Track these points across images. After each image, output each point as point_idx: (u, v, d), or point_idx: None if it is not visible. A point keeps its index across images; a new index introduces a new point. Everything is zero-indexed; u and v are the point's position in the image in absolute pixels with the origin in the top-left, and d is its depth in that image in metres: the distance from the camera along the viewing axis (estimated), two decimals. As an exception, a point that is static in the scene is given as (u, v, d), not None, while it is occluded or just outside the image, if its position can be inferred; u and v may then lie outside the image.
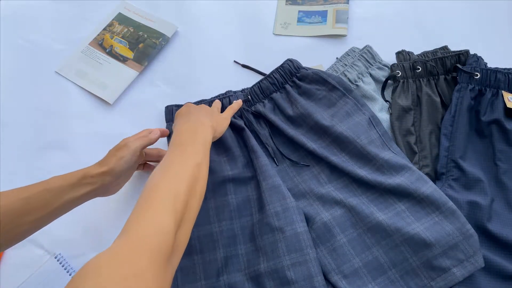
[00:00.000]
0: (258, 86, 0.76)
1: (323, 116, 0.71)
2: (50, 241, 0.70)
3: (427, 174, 0.69)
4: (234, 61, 0.87)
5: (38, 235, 0.70)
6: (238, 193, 0.69)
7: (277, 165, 0.71)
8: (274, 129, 0.74)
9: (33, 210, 0.51)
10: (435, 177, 0.69)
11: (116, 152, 0.61)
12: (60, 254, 0.68)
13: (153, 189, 0.44)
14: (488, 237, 0.64)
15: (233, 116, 0.73)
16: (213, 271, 0.63)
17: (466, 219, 0.64)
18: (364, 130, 0.69)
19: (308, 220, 0.65)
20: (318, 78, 0.74)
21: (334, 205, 0.66)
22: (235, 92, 0.78)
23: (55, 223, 0.71)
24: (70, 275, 0.66)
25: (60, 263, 0.67)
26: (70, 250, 0.69)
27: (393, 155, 0.67)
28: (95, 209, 0.73)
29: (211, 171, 0.69)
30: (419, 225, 0.61)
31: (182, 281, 0.63)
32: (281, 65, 0.76)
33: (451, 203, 0.61)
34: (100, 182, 0.58)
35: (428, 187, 0.62)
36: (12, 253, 0.70)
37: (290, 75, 0.76)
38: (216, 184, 0.69)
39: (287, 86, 0.75)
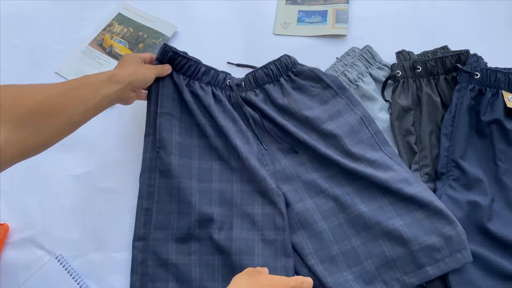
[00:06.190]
0: (252, 75, 0.76)
1: (314, 112, 0.72)
2: (50, 241, 0.70)
3: (427, 174, 0.69)
4: (228, 62, 0.86)
5: (38, 235, 0.71)
6: (223, 160, 0.71)
7: (265, 149, 0.72)
8: (265, 116, 0.74)
9: (83, 97, 0.55)
10: (435, 177, 0.69)
11: (142, 66, 0.66)
12: (60, 254, 0.68)
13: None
14: (488, 237, 0.64)
15: (221, 92, 0.75)
16: (186, 224, 0.66)
17: (466, 218, 0.64)
18: (352, 131, 0.70)
19: (291, 204, 0.67)
20: (314, 76, 0.75)
21: (319, 193, 0.67)
22: (232, 77, 0.77)
23: (55, 223, 0.72)
24: (71, 275, 0.66)
25: (61, 264, 0.67)
26: (70, 250, 0.69)
27: (381, 156, 0.68)
28: (96, 209, 0.73)
29: (199, 135, 0.72)
30: (399, 220, 0.62)
31: (156, 226, 0.66)
32: (278, 59, 0.76)
33: (436, 204, 0.61)
34: (127, 81, 0.61)
35: (411, 189, 0.63)
36: (13, 253, 0.70)
37: (286, 69, 0.76)
38: (201, 149, 0.72)
39: (282, 79, 0.76)
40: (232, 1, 0.95)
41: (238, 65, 0.86)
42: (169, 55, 0.71)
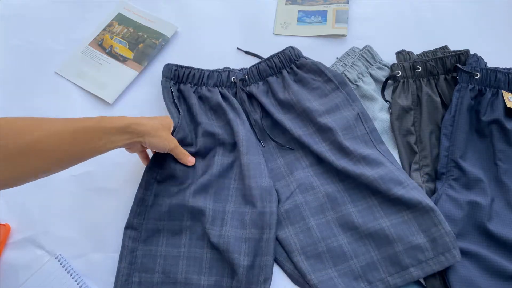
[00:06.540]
0: (256, 68, 0.77)
1: (312, 105, 0.73)
2: (50, 241, 0.70)
3: (427, 174, 0.69)
4: (238, 48, 0.88)
5: (38, 235, 0.71)
6: (226, 156, 0.73)
7: (263, 146, 0.74)
8: (264, 111, 0.76)
9: (82, 142, 0.53)
10: (435, 177, 0.69)
11: (164, 134, 0.65)
12: (60, 254, 0.68)
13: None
14: (488, 237, 0.64)
15: (227, 91, 0.77)
16: (178, 215, 0.68)
17: (466, 218, 0.64)
18: (348, 125, 0.71)
19: (282, 200, 0.68)
20: (316, 69, 0.76)
21: (310, 190, 0.68)
22: (233, 70, 0.79)
23: (55, 223, 0.72)
24: (71, 275, 0.66)
25: (61, 264, 0.67)
26: (70, 250, 0.69)
27: (374, 152, 0.68)
28: (96, 209, 0.73)
29: (204, 134, 0.73)
30: (386, 220, 0.63)
31: (149, 216, 0.68)
32: (282, 51, 0.77)
33: (424, 204, 0.61)
34: (140, 135, 0.60)
35: (400, 189, 0.64)
36: (13, 253, 0.70)
37: (289, 62, 0.77)
38: (207, 146, 0.73)
39: (284, 72, 0.77)
40: (232, 1, 0.95)
41: (247, 52, 0.87)
42: (173, 69, 0.76)
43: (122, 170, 0.76)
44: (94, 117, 0.56)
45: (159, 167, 0.71)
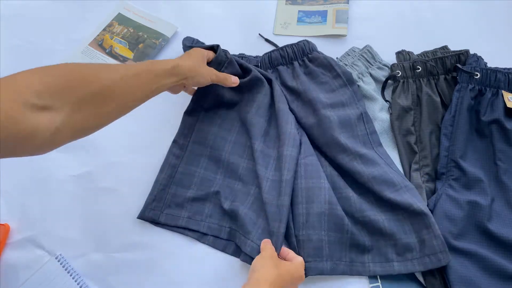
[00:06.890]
0: (268, 56, 0.79)
1: (319, 97, 0.74)
2: (50, 241, 0.70)
3: (427, 174, 0.69)
4: (259, 34, 0.89)
5: (38, 235, 0.71)
6: (263, 97, 0.75)
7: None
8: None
9: (142, 85, 0.55)
10: (435, 177, 0.69)
11: (203, 70, 0.67)
12: (60, 254, 0.68)
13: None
14: (488, 237, 0.64)
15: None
16: (221, 146, 0.74)
17: (466, 218, 0.64)
18: (349, 124, 0.72)
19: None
20: (327, 64, 0.77)
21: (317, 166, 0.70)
22: (248, 56, 0.81)
23: (55, 223, 0.72)
24: (71, 275, 0.66)
25: (61, 264, 0.67)
26: (70, 250, 0.69)
27: (371, 152, 0.69)
28: (96, 209, 0.73)
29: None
30: (382, 214, 0.65)
31: (194, 140, 0.75)
32: (297, 43, 0.79)
33: (416, 206, 0.62)
34: (184, 77, 0.62)
35: (392, 191, 0.64)
36: (13, 253, 0.70)
37: (302, 54, 0.79)
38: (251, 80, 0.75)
39: (295, 63, 0.78)
40: (232, 1, 0.95)
41: (266, 40, 0.88)
42: (194, 41, 0.79)
43: (122, 170, 0.76)
44: (144, 62, 0.58)
45: (206, 95, 0.74)
